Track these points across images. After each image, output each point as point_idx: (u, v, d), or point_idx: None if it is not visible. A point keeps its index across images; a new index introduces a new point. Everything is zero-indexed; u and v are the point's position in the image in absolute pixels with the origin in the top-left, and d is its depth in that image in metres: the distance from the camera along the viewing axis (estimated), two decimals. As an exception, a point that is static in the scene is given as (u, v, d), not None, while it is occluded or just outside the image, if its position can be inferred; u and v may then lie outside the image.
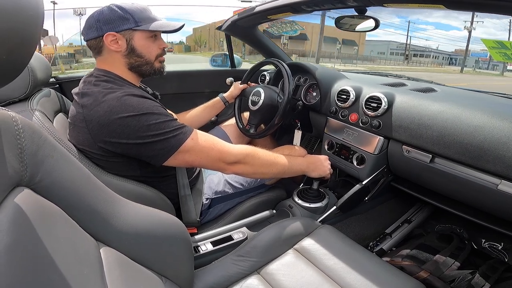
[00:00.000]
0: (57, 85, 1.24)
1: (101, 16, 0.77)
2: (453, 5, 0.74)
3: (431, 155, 0.92)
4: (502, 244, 1.12)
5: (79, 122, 0.75)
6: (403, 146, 0.99)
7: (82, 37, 0.81)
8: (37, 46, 0.36)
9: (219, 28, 1.50)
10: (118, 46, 0.79)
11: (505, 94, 1.14)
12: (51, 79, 1.23)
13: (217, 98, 1.32)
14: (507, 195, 0.76)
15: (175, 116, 1.18)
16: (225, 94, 1.33)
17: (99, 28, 0.77)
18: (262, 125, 1.33)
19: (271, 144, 1.48)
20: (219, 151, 0.80)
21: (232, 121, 1.38)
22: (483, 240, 1.16)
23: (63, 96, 1.03)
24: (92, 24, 0.78)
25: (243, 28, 1.44)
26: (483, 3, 0.66)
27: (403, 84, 1.24)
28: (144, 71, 0.86)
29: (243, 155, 0.84)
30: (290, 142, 1.39)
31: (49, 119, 0.80)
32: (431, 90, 1.15)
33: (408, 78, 1.46)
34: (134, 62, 0.83)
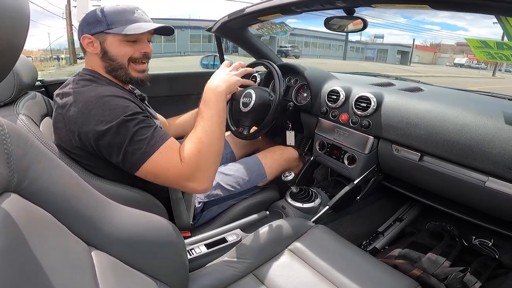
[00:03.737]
0: (43, 88, 1.22)
1: (85, 19, 0.79)
2: (438, 5, 0.75)
3: (419, 154, 0.94)
4: (492, 240, 1.14)
5: (59, 123, 0.74)
6: (393, 145, 1.01)
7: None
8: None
9: (209, 29, 1.49)
10: (94, 49, 0.80)
11: (490, 92, 1.18)
12: (37, 82, 1.20)
13: None
14: (494, 191, 0.78)
15: (163, 120, 1.17)
16: None
17: (81, 30, 0.79)
18: (255, 127, 1.33)
19: (266, 144, 1.48)
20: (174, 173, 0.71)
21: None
22: (474, 237, 1.18)
23: (49, 99, 1.01)
24: (79, 25, 0.80)
25: (233, 29, 1.44)
26: (467, 3, 0.68)
27: (391, 84, 1.26)
28: (119, 76, 0.83)
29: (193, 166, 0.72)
30: (283, 143, 1.40)
31: (35, 123, 0.78)
32: (418, 89, 1.17)
33: (396, 78, 1.49)
34: (109, 65, 0.81)
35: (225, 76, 0.87)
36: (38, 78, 1.15)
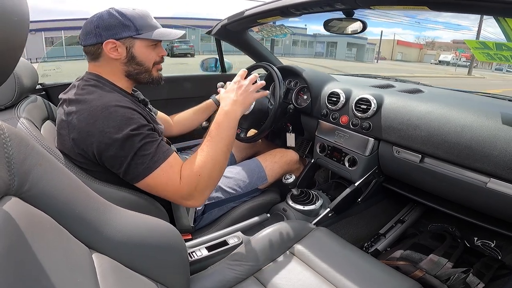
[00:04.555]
0: (44, 92, 1.22)
1: (101, 22, 0.75)
2: (436, 6, 0.76)
3: (420, 155, 0.93)
4: (495, 242, 1.14)
5: (63, 130, 0.74)
6: (393, 147, 1.01)
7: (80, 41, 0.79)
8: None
9: (209, 32, 1.50)
10: (118, 54, 0.77)
11: (490, 94, 1.18)
12: (38, 86, 1.20)
13: (210, 100, 1.30)
14: (496, 193, 0.78)
15: (167, 118, 1.17)
16: (217, 96, 1.32)
17: (98, 34, 0.75)
18: (253, 130, 1.33)
19: (267, 147, 1.48)
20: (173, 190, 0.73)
21: None
22: (476, 238, 1.18)
23: (50, 103, 1.01)
24: (90, 30, 0.75)
25: (233, 32, 1.44)
26: (465, 4, 0.68)
27: (391, 86, 1.26)
28: (142, 79, 0.85)
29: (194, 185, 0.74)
30: (283, 145, 1.40)
31: (36, 126, 0.78)
32: (418, 91, 1.17)
33: (396, 80, 1.49)
34: (133, 70, 0.82)
35: (241, 97, 0.86)
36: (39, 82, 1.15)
